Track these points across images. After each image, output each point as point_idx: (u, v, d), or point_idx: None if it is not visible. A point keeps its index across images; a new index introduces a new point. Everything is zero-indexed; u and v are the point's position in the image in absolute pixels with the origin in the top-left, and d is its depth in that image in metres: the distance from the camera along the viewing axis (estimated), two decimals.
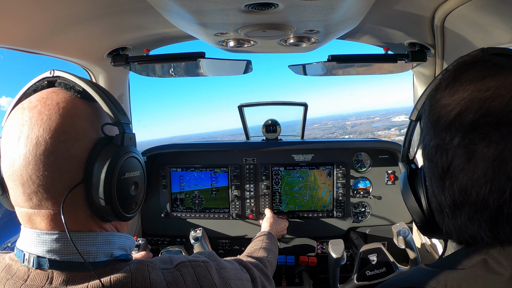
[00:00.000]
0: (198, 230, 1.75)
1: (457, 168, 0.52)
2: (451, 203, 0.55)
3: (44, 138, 0.62)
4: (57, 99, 0.66)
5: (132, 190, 0.71)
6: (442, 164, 0.54)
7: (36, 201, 0.64)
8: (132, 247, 0.80)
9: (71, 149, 0.64)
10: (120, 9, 1.19)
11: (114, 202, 0.67)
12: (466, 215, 0.53)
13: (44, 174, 0.62)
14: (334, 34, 1.38)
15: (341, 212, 2.09)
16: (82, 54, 1.52)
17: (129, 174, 0.70)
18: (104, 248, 0.69)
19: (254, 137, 2.42)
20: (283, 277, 2.05)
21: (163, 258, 0.79)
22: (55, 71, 0.70)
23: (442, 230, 0.60)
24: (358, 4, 1.07)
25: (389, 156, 2.13)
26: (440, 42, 1.39)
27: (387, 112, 42.64)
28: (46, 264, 0.63)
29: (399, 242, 1.68)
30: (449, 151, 0.53)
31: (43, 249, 0.64)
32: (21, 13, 1.02)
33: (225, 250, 2.15)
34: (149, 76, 1.87)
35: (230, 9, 1.02)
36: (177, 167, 2.15)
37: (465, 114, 0.51)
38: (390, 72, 1.89)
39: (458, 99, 0.53)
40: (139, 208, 0.77)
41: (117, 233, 0.74)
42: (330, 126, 32.21)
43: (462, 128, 0.51)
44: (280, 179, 2.12)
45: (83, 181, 0.65)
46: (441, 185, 0.56)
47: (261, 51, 1.64)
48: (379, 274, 1.69)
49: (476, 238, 0.53)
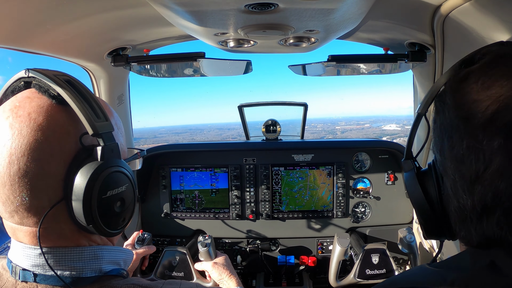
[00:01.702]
0: (207, 236, 1.75)
1: (496, 173, 0.48)
2: (480, 207, 0.51)
3: (16, 156, 0.57)
4: (29, 109, 0.60)
5: (117, 207, 0.66)
6: (477, 166, 0.49)
7: (18, 219, 0.61)
8: (128, 259, 0.75)
9: (46, 167, 0.59)
10: (120, 9, 1.20)
11: (97, 222, 0.62)
12: (496, 219, 0.49)
13: (21, 195, 0.58)
14: (334, 34, 1.38)
15: (341, 212, 2.09)
16: (82, 54, 1.52)
17: (111, 192, 0.64)
18: (91, 264, 0.65)
19: (254, 137, 2.42)
20: (283, 277, 2.05)
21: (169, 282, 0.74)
22: (30, 71, 0.63)
23: (454, 233, 0.58)
24: (358, 4, 1.07)
25: (389, 156, 2.13)
26: (440, 42, 1.39)
27: (377, 119, 42.22)
28: (31, 278, 0.62)
29: (404, 246, 1.67)
30: (486, 153, 0.48)
31: (28, 262, 0.63)
32: (21, 14, 1.02)
33: (225, 250, 2.15)
34: (149, 76, 1.87)
35: (230, 9, 1.02)
36: (177, 167, 2.15)
37: (505, 113, 0.47)
38: (390, 72, 1.89)
39: (494, 95, 0.48)
40: (129, 221, 0.72)
41: (106, 247, 0.69)
42: (320, 129, 31.56)
43: (503, 129, 0.47)
44: (280, 179, 2.12)
45: (63, 199, 0.61)
46: (470, 188, 0.51)
47: (261, 51, 1.64)
48: (379, 275, 1.69)
49: (503, 242, 0.50)
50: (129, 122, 2.06)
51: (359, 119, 45.58)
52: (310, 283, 2.02)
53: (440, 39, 1.37)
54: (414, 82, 1.88)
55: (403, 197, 2.11)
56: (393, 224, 2.09)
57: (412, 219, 2.10)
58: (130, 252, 0.77)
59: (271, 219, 2.11)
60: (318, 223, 2.13)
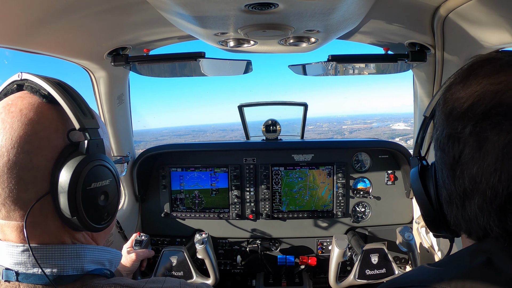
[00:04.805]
0: (204, 234, 1.75)
1: (468, 157, 0.52)
2: (461, 192, 0.55)
3: (6, 148, 0.60)
4: (21, 106, 0.64)
5: (101, 201, 0.68)
6: (453, 153, 0.55)
7: (5, 213, 0.63)
8: (114, 260, 0.75)
9: (35, 160, 0.61)
10: (120, 9, 1.19)
11: (81, 214, 0.64)
12: (476, 204, 0.53)
13: (9, 186, 0.60)
14: (334, 34, 1.38)
15: (341, 212, 2.09)
16: (82, 54, 1.52)
17: (96, 184, 0.67)
18: (72, 262, 0.66)
19: (254, 137, 2.42)
20: (283, 277, 2.05)
21: (153, 280, 0.74)
22: (23, 73, 0.68)
23: (450, 223, 0.60)
24: (358, 4, 1.07)
25: (389, 156, 2.13)
26: (440, 42, 1.39)
27: (383, 117, 41.37)
28: (13, 277, 0.63)
29: (403, 245, 1.68)
30: (461, 140, 0.53)
31: (11, 261, 0.63)
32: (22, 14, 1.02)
33: (225, 250, 2.16)
34: (149, 76, 1.87)
35: (230, 9, 1.02)
36: (177, 167, 2.15)
37: (478, 105, 0.52)
38: (390, 72, 1.89)
39: (471, 92, 0.54)
40: (113, 217, 0.74)
41: (89, 246, 0.70)
42: (326, 129, 30.53)
43: (474, 117, 0.52)
44: (280, 179, 2.12)
45: (49, 192, 0.63)
46: (451, 174, 0.56)
47: (261, 51, 1.64)
48: (378, 274, 1.69)
49: (486, 228, 0.53)
50: (129, 122, 2.05)
51: (364, 117, 44.57)
52: (310, 283, 2.02)
53: (440, 39, 1.37)
54: (414, 82, 1.88)
55: (403, 197, 2.11)
56: (393, 224, 2.09)
57: (412, 219, 2.10)
58: (117, 253, 0.77)
59: (271, 219, 2.11)
60: (318, 223, 2.13)
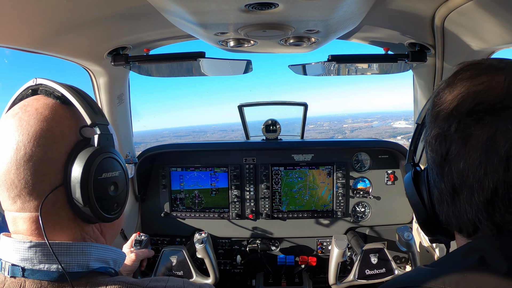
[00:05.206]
0: (203, 233, 1.74)
1: (454, 153, 0.56)
2: (450, 188, 0.57)
3: (23, 143, 0.65)
4: (37, 105, 0.69)
5: (111, 191, 0.73)
6: (441, 151, 0.58)
7: (20, 204, 0.66)
8: (119, 259, 0.77)
9: (50, 153, 0.66)
10: (120, 9, 1.19)
11: (93, 203, 0.68)
12: (465, 199, 0.55)
13: (25, 178, 0.64)
14: (334, 34, 1.38)
15: (341, 212, 2.09)
16: (82, 54, 1.52)
17: (106, 174, 0.71)
18: (78, 259, 0.68)
19: (254, 137, 2.42)
20: (283, 277, 2.05)
21: (156, 279, 0.75)
22: (38, 79, 0.73)
23: (443, 222, 0.62)
24: (358, 4, 1.07)
25: (389, 156, 2.13)
26: (440, 42, 1.39)
27: (384, 115, 41.22)
28: (19, 273, 0.64)
29: (402, 245, 1.68)
30: (447, 138, 0.57)
31: (17, 257, 0.65)
32: (22, 14, 1.02)
33: (224, 250, 2.16)
34: (149, 75, 1.87)
35: (230, 9, 1.02)
36: (177, 167, 2.15)
37: (462, 104, 0.56)
38: (390, 72, 1.89)
39: (456, 94, 0.58)
40: (122, 209, 0.78)
41: (95, 244, 0.73)
42: (327, 128, 30.36)
43: (458, 116, 0.56)
44: (280, 179, 2.12)
45: (63, 184, 0.67)
46: (441, 172, 0.59)
47: (261, 51, 1.64)
48: (378, 274, 1.69)
49: (475, 222, 0.55)
50: (129, 122, 2.06)
51: (365, 116, 44.31)
52: (310, 283, 2.02)
53: (440, 39, 1.37)
54: (414, 82, 1.88)
55: (403, 197, 2.11)
56: (393, 224, 2.09)
57: (412, 218, 2.10)
58: (122, 253, 0.79)
59: (271, 218, 2.11)
60: (318, 223, 2.13)
